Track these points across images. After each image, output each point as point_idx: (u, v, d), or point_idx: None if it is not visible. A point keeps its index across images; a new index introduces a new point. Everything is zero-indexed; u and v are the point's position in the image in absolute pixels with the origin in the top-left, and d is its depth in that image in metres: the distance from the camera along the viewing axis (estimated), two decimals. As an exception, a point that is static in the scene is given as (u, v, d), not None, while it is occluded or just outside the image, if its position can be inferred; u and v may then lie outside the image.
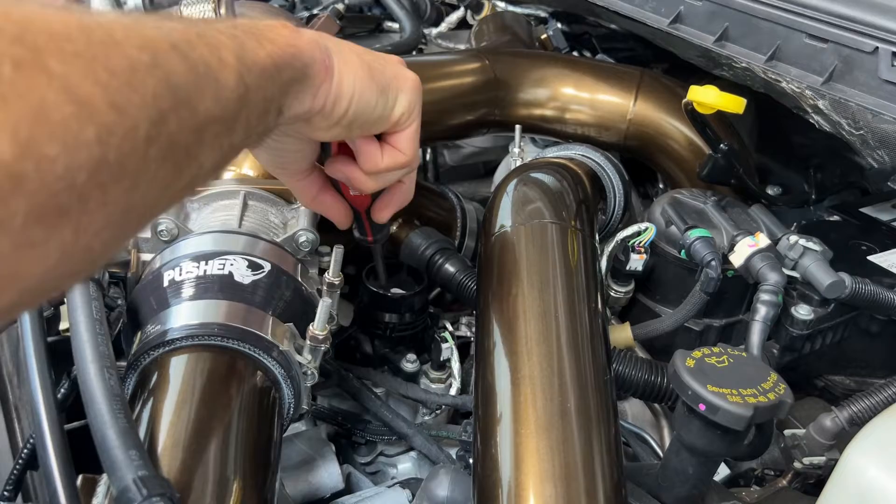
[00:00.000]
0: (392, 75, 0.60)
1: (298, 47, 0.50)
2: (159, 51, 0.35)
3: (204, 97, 0.38)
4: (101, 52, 0.31)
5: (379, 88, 0.58)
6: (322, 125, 0.56)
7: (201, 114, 0.38)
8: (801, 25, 0.81)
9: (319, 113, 0.54)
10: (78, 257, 0.32)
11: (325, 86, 0.53)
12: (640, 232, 0.88)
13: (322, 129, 0.57)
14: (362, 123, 0.58)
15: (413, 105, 0.61)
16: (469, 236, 1.00)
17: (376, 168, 0.63)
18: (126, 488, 0.45)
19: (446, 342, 0.86)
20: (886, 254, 0.90)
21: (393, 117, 0.60)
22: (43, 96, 0.28)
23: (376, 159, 0.62)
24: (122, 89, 0.31)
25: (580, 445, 0.55)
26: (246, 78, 0.42)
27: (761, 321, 0.77)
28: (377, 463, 0.88)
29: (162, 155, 0.34)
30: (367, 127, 0.59)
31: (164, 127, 0.34)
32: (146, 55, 0.34)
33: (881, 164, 0.82)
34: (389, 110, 0.60)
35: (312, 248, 0.75)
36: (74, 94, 0.29)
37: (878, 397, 0.71)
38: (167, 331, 0.61)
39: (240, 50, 0.42)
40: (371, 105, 0.57)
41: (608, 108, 1.07)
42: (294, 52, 0.49)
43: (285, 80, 0.49)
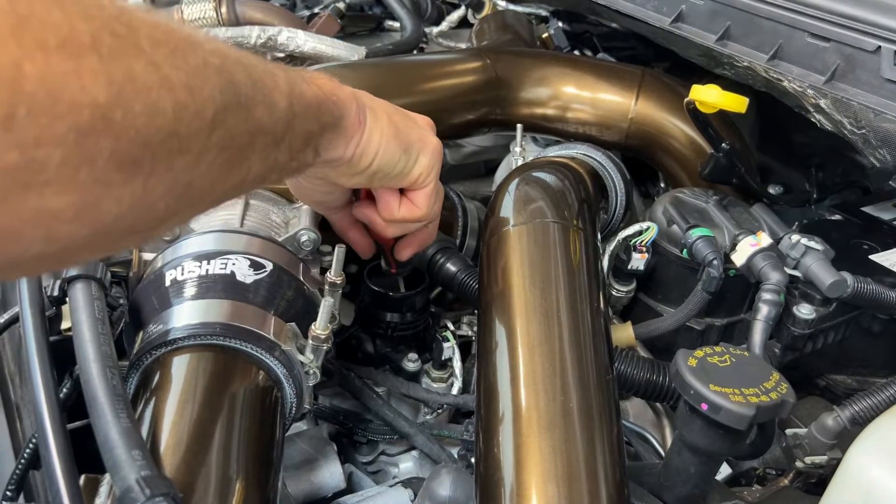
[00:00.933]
0: (417, 138, 0.65)
1: (339, 97, 0.56)
2: (227, 59, 0.41)
3: (259, 107, 0.43)
4: (183, 46, 0.37)
5: (402, 148, 0.63)
6: (347, 173, 0.61)
7: (255, 120, 0.43)
8: (803, 24, 0.81)
9: (347, 162, 0.59)
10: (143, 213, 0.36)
11: (356, 137, 0.58)
12: (642, 231, 0.88)
13: (346, 177, 0.62)
14: (383, 177, 0.63)
15: (431, 167, 0.66)
16: (470, 235, 1.00)
17: (392, 217, 0.68)
18: (129, 488, 0.45)
19: (448, 341, 0.86)
20: (888, 253, 0.90)
21: (412, 176, 0.65)
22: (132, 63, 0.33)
23: (393, 209, 0.68)
24: (195, 77, 0.37)
25: (582, 445, 0.55)
26: (294, 106, 0.48)
27: (763, 320, 0.77)
28: (379, 462, 0.88)
29: (221, 144, 0.39)
30: (388, 181, 0.65)
31: (225, 119, 0.39)
32: (216, 59, 0.40)
33: (883, 163, 0.82)
34: (410, 168, 0.65)
35: (314, 248, 0.75)
36: (159, 70, 0.34)
37: (879, 397, 0.71)
38: (169, 330, 0.61)
39: (290, 82, 0.48)
40: (393, 161, 0.62)
41: (609, 107, 1.07)
42: (335, 101, 0.55)
43: (324, 123, 0.54)
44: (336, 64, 1.07)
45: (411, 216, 0.68)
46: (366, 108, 0.60)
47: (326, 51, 1.12)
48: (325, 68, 0.98)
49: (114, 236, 0.36)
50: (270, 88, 0.45)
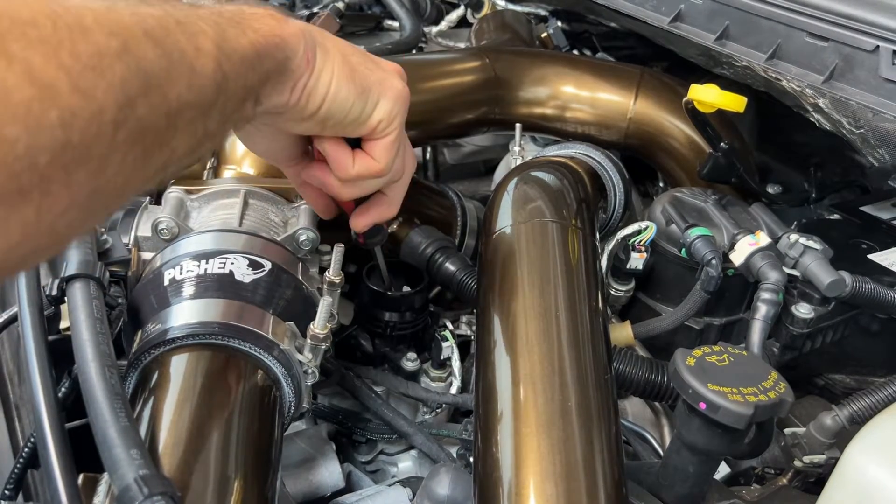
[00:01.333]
0: (377, 80, 0.58)
1: (282, 37, 0.50)
2: (131, 37, 0.35)
3: (177, 83, 0.38)
4: (67, 37, 0.32)
5: (358, 90, 0.57)
6: (294, 118, 0.55)
7: (173, 100, 0.38)
8: (802, 24, 0.81)
9: (294, 106, 0.54)
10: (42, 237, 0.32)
11: (302, 79, 0.53)
12: (641, 230, 0.88)
13: (294, 122, 0.56)
14: (336, 123, 0.57)
15: (394, 114, 0.60)
16: (469, 235, 1.00)
17: (346, 174, 0.62)
18: (127, 487, 0.45)
19: (447, 341, 0.86)
20: (887, 252, 0.90)
21: (370, 122, 0.59)
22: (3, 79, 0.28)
23: (346, 165, 0.61)
24: (87, 74, 0.32)
25: (581, 444, 0.55)
26: (224, 66, 0.42)
27: (762, 320, 0.77)
28: (378, 461, 0.88)
29: (131, 139, 0.35)
30: (342, 128, 0.58)
31: (133, 111, 0.35)
32: (115, 41, 0.34)
33: (881, 162, 0.82)
34: (367, 115, 0.58)
35: (313, 247, 0.75)
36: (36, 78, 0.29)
37: (878, 396, 0.71)
38: (168, 329, 0.61)
39: (220, 37, 0.42)
40: (347, 105, 0.56)
41: (608, 106, 1.07)
42: (277, 43, 0.49)
43: (266, 70, 0.48)
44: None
45: (368, 171, 0.61)
46: (316, 46, 0.53)
47: (325, 50, 1.12)
48: None
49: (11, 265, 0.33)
50: (192, 56, 0.40)
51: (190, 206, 0.76)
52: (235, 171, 0.83)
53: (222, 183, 0.78)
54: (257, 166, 0.84)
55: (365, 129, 0.59)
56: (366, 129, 0.59)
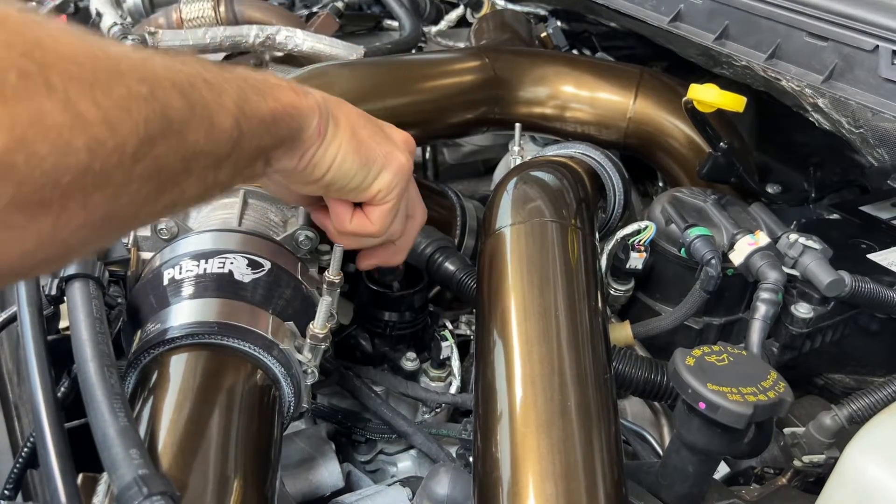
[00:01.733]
0: (382, 153, 0.63)
1: (299, 109, 0.54)
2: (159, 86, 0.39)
3: (196, 132, 0.42)
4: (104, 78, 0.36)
5: (362, 162, 0.61)
6: (301, 181, 0.60)
7: (190, 146, 0.42)
8: (802, 24, 0.81)
9: (301, 172, 0.58)
10: (54, 248, 0.36)
11: (311, 150, 0.57)
12: (640, 230, 0.88)
13: (300, 185, 0.61)
14: (338, 188, 0.62)
15: (393, 185, 0.64)
16: (469, 235, 1.00)
17: (343, 229, 0.67)
18: (127, 487, 0.45)
19: (446, 340, 0.86)
20: (886, 252, 0.90)
21: (370, 191, 0.64)
22: (41, 104, 0.32)
23: (344, 221, 0.66)
24: (115, 111, 0.36)
25: (580, 444, 0.55)
26: (242, 124, 0.46)
27: (761, 319, 0.77)
28: (377, 461, 0.88)
29: (147, 174, 0.39)
30: (344, 193, 0.63)
31: (152, 149, 0.38)
32: (145, 88, 0.38)
33: (881, 162, 0.82)
34: (368, 184, 0.63)
35: (312, 247, 0.75)
36: (72, 108, 0.33)
37: (877, 395, 0.71)
38: (167, 329, 0.61)
39: (242, 100, 0.47)
40: (350, 175, 0.61)
41: (608, 106, 1.07)
42: (293, 113, 0.54)
43: (280, 136, 0.53)
44: (334, 63, 1.07)
45: (363, 231, 0.66)
46: (329, 119, 0.58)
47: (325, 50, 1.12)
48: (319, 68, 0.98)
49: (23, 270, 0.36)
50: (214, 110, 0.44)
51: (189, 206, 0.75)
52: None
53: (222, 182, 0.78)
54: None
55: (365, 196, 0.64)
56: (366, 196, 0.64)
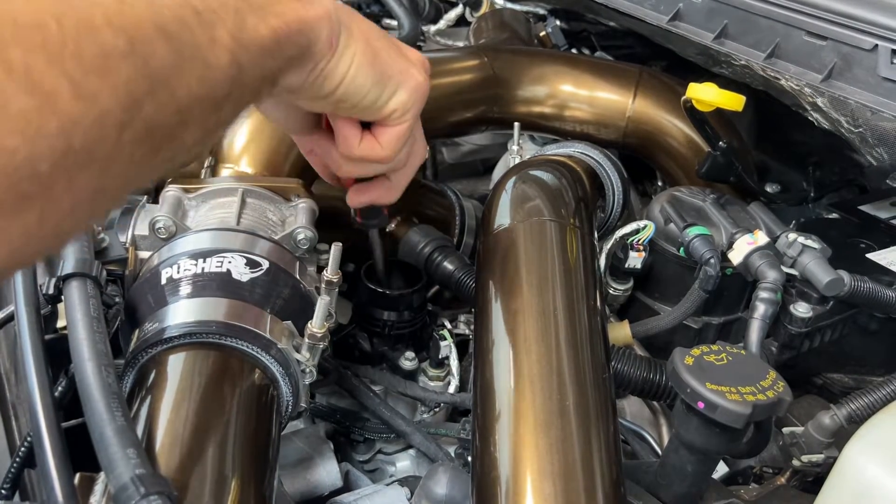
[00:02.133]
0: (399, 69, 0.58)
1: (307, 21, 0.48)
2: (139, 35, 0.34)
3: (187, 79, 0.37)
4: (72, 38, 0.31)
5: (377, 77, 0.56)
6: (309, 96, 0.54)
7: (183, 96, 0.37)
8: (801, 23, 0.81)
9: (310, 86, 0.53)
10: (44, 239, 0.32)
11: (321, 63, 0.52)
12: (639, 230, 0.88)
13: (307, 101, 0.56)
14: (350, 106, 0.57)
15: (410, 105, 0.59)
16: (468, 234, 1.00)
17: (350, 153, 0.61)
18: (124, 486, 0.44)
19: (445, 340, 0.86)
20: (885, 251, 0.90)
21: (385, 110, 0.58)
22: (2, 88, 0.28)
23: (352, 145, 0.60)
24: (90, 78, 0.31)
25: (579, 443, 0.55)
26: (241, 58, 0.41)
27: (760, 319, 0.77)
28: (376, 461, 0.88)
29: (138, 138, 0.34)
30: (355, 111, 0.58)
31: (139, 112, 0.34)
32: (122, 40, 0.33)
33: (880, 161, 0.82)
34: (383, 102, 0.58)
35: (311, 246, 0.75)
36: (36, 87, 0.29)
37: (876, 395, 0.71)
38: (165, 328, 0.61)
39: (239, 27, 0.41)
40: (363, 91, 0.56)
41: (607, 105, 1.07)
42: (300, 28, 0.48)
43: (287, 56, 0.48)
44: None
45: (372, 155, 0.60)
46: (341, 28, 0.52)
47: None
48: None
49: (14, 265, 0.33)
50: (206, 49, 0.39)
51: (187, 205, 0.75)
52: (233, 170, 0.83)
53: (220, 181, 0.78)
54: (255, 165, 0.83)
55: (378, 116, 0.59)
56: (379, 116, 0.59)
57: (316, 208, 0.79)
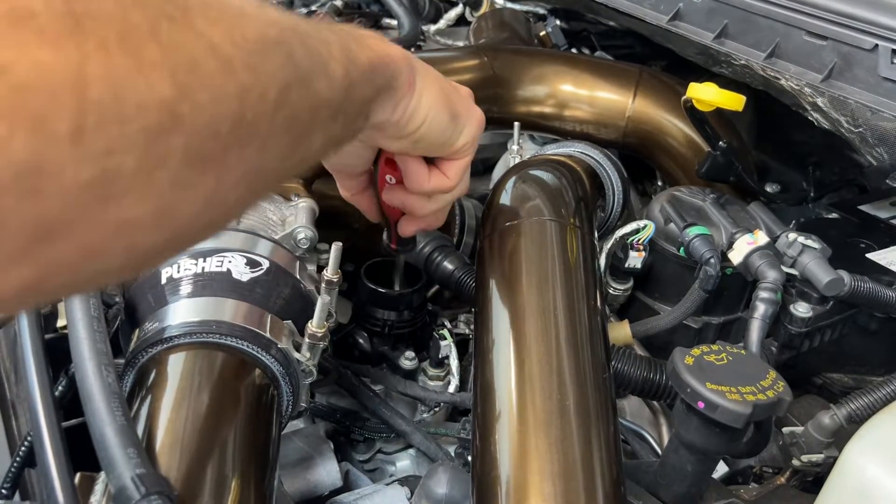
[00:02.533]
0: (464, 108, 0.63)
1: (391, 56, 0.53)
2: (283, 30, 0.38)
3: (318, 81, 0.41)
4: (237, 20, 0.34)
5: (450, 116, 0.60)
6: (393, 135, 0.58)
7: (315, 95, 0.41)
8: (801, 23, 0.81)
9: (395, 124, 0.57)
10: (217, 208, 0.35)
11: (405, 100, 0.56)
12: (639, 229, 0.88)
13: (391, 140, 0.59)
14: (428, 143, 0.61)
15: (473, 139, 0.64)
16: (467, 233, 1.00)
17: (421, 189, 0.65)
18: (124, 486, 0.44)
19: (445, 339, 0.86)
20: (885, 251, 0.90)
21: (455, 146, 0.63)
22: (193, 50, 0.31)
23: (423, 179, 0.65)
24: (255, 55, 0.35)
25: (579, 443, 0.55)
26: (351, 73, 0.45)
27: (760, 319, 0.77)
28: (376, 460, 0.88)
29: (286, 125, 0.38)
30: (432, 148, 0.62)
31: (288, 97, 0.37)
32: (273, 31, 0.37)
33: (880, 161, 0.82)
34: (455, 138, 0.62)
35: (311, 245, 0.75)
36: (218, 52, 0.32)
37: (876, 395, 0.71)
38: (165, 328, 0.61)
39: (345, 48, 0.45)
40: (441, 128, 0.60)
41: (607, 105, 1.07)
42: (387, 62, 0.52)
43: (377, 85, 0.52)
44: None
45: (441, 187, 0.65)
46: (415, 70, 0.57)
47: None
48: None
49: (190, 235, 0.35)
50: (326, 58, 0.43)
51: (187, 205, 0.75)
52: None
53: (220, 181, 0.78)
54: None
55: (448, 152, 0.63)
56: (450, 151, 0.63)
57: (316, 208, 0.79)
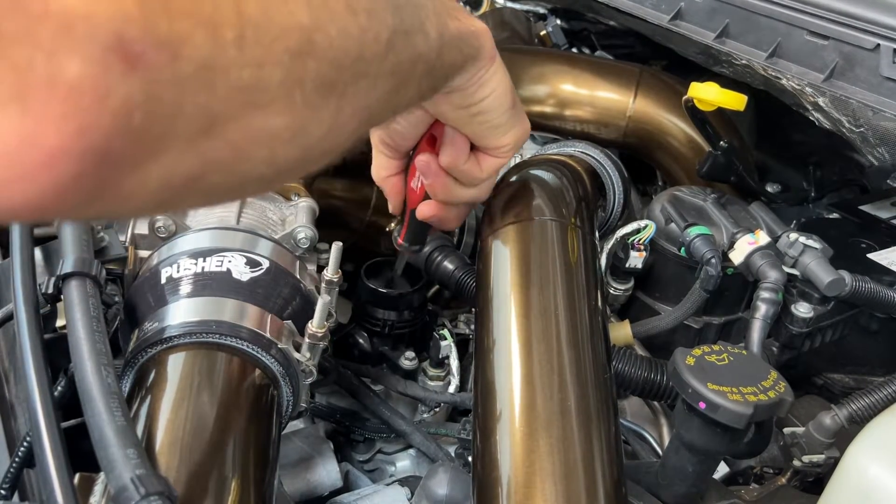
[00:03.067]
0: (520, 108, 0.64)
1: (479, 29, 0.56)
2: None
3: (417, 35, 0.44)
4: None
5: (511, 103, 0.62)
6: (458, 103, 0.59)
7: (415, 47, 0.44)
8: (802, 22, 0.80)
9: (465, 90, 0.58)
10: (333, 136, 0.38)
11: (483, 70, 0.57)
12: (640, 229, 0.88)
13: (452, 106, 0.60)
14: (483, 121, 0.62)
15: (517, 143, 0.65)
16: (468, 233, 1.00)
17: (455, 164, 0.65)
18: (124, 487, 0.44)
19: (445, 339, 0.86)
20: (886, 251, 0.90)
21: (503, 139, 0.64)
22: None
23: (461, 156, 0.65)
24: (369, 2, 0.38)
25: (580, 443, 0.55)
26: (444, 35, 0.48)
27: (761, 319, 0.77)
28: (376, 461, 0.88)
29: (390, 70, 0.41)
30: (483, 128, 0.63)
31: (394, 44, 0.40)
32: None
33: (881, 161, 0.81)
34: (505, 131, 0.63)
35: (311, 245, 0.75)
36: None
37: (877, 395, 0.71)
38: (165, 328, 0.61)
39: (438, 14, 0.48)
40: (501, 110, 0.61)
41: (607, 104, 1.07)
42: (474, 33, 0.55)
43: (465, 54, 0.54)
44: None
45: (471, 174, 0.66)
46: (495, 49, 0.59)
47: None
48: None
49: (315, 158, 0.38)
50: (423, 18, 0.45)
51: (187, 204, 0.75)
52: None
53: (220, 181, 0.78)
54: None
55: (494, 143, 0.64)
56: (495, 144, 0.64)
57: (316, 207, 0.79)
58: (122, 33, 0.25)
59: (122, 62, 0.25)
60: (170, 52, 0.27)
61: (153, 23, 0.26)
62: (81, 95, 0.25)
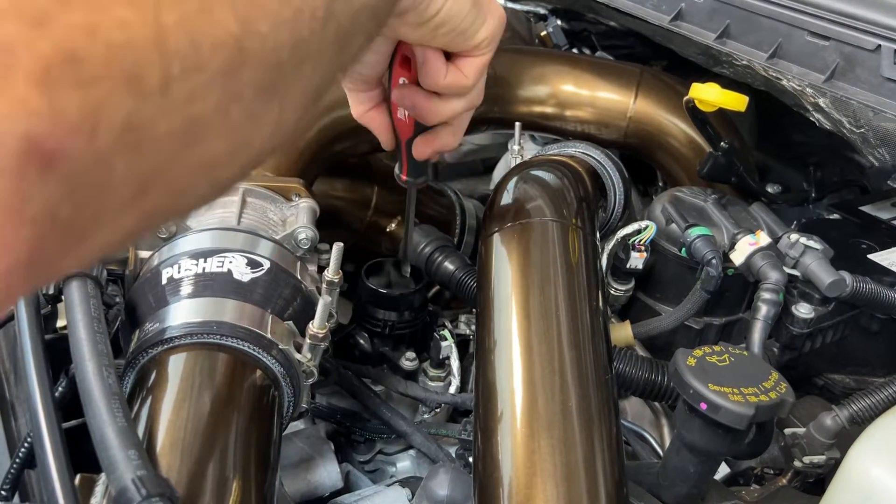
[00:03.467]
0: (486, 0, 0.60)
1: None
2: None
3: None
4: None
5: (471, 3, 0.58)
6: (413, 21, 0.57)
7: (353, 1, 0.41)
8: (803, 23, 0.80)
9: (415, 8, 0.55)
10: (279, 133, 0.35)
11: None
12: (641, 230, 0.88)
13: (411, 27, 0.57)
14: (447, 31, 0.59)
15: (494, 35, 0.61)
16: (468, 233, 1.00)
17: (437, 83, 0.62)
18: (125, 488, 0.44)
19: (445, 340, 0.86)
20: (886, 252, 0.90)
21: (476, 38, 0.60)
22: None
23: (439, 74, 0.62)
24: None
25: (581, 444, 0.55)
26: None
27: (762, 320, 0.77)
28: (376, 461, 0.88)
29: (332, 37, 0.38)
30: (451, 37, 0.60)
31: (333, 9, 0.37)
32: None
33: (882, 162, 0.81)
34: (475, 30, 0.60)
35: (312, 246, 0.74)
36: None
37: (878, 396, 0.71)
38: (166, 329, 0.61)
39: None
40: (462, 15, 0.58)
41: (608, 105, 1.07)
42: None
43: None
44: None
45: (457, 84, 0.62)
46: None
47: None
48: None
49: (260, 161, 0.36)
50: None
51: (188, 205, 0.75)
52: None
53: (220, 181, 0.78)
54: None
55: (469, 44, 0.61)
56: (470, 44, 0.61)
57: (317, 208, 0.79)
58: (29, 132, 0.22)
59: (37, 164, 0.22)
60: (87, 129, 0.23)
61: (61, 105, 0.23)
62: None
